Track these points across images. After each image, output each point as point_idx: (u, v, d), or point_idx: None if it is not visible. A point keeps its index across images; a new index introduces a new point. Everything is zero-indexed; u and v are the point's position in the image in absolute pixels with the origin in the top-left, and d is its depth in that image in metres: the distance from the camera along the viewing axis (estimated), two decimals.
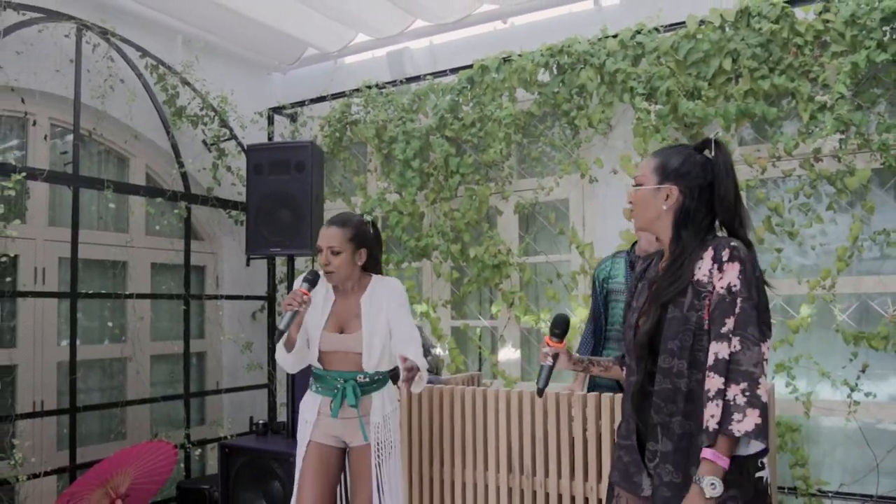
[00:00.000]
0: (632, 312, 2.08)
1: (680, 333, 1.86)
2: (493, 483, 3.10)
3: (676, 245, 1.96)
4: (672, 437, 1.84)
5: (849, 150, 3.64)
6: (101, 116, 4.50)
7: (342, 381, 2.83)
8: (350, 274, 2.87)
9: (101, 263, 4.67)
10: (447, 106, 4.67)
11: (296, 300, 2.67)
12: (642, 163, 2.08)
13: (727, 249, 1.86)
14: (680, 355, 1.85)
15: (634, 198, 2.06)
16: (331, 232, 2.86)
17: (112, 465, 3.83)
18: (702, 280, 1.87)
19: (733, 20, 3.87)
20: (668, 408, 1.86)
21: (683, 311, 1.87)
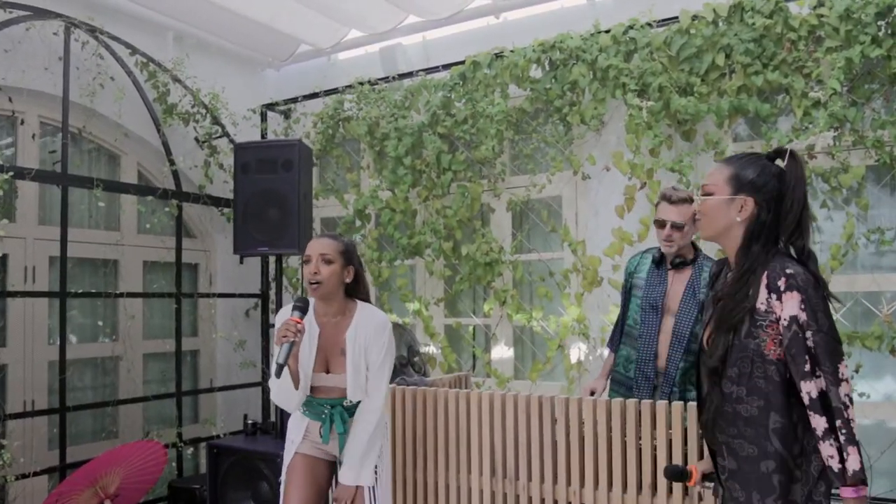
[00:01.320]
0: (701, 325, 2.12)
1: (738, 361, 1.89)
2: (477, 487, 3.07)
3: (745, 258, 1.93)
4: (736, 457, 1.91)
5: (843, 146, 3.58)
6: (90, 114, 4.48)
7: (329, 407, 2.77)
8: (336, 290, 2.75)
9: (92, 262, 4.66)
10: (439, 102, 4.62)
11: (290, 331, 2.54)
12: (712, 171, 2.02)
13: (783, 278, 1.84)
14: (738, 382, 1.89)
15: (703, 208, 1.99)
16: (323, 241, 2.77)
17: (101, 464, 3.83)
18: (759, 308, 1.87)
19: (726, 15, 3.81)
20: (730, 430, 1.91)
21: (741, 338, 1.89)
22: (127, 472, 3.93)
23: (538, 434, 2.97)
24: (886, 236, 3.57)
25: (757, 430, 1.86)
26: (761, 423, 1.86)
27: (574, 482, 2.90)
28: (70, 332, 4.48)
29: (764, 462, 1.86)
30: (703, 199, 2.00)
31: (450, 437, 3.16)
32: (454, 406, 3.15)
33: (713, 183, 1.97)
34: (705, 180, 2.01)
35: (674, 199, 3.14)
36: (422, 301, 4.86)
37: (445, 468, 3.18)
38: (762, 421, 1.86)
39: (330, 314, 2.78)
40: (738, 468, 1.90)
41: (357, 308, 2.80)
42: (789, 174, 1.92)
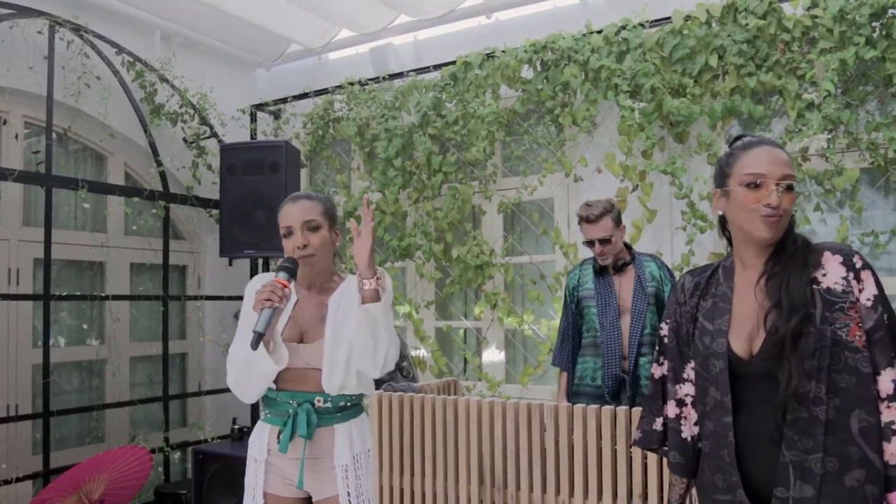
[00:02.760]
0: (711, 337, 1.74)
1: (817, 352, 1.57)
2: (465, 495, 3.01)
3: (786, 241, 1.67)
4: (812, 480, 1.55)
5: (837, 149, 3.54)
6: (75, 114, 4.42)
7: (295, 403, 2.21)
8: (330, 259, 2.29)
9: (77, 264, 4.60)
10: (430, 103, 4.57)
11: (276, 293, 2.05)
12: (786, 158, 1.68)
13: (857, 255, 1.64)
14: (818, 378, 1.57)
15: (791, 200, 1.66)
16: (302, 205, 2.25)
17: (85, 470, 3.77)
18: (833, 289, 1.62)
19: (719, 16, 3.77)
20: (805, 443, 1.56)
21: (817, 324, 1.59)
22: (111, 478, 3.87)
23: (527, 442, 2.91)
24: (881, 239, 3.53)
25: (837, 436, 1.56)
26: (842, 427, 1.56)
27: (563, 491, 2.84)
28: (56, 335, 4.43)
29: (849, 475, 1.55)
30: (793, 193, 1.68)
31: (437, 444, 3.11)
32: (441, 413, 3.10)
33: (794, 174, 1.68)
34: (788, 169, 1.66)
35: (592, 218, 3.22)
36: (412, 304, 4.81)
37: (433, 476, 3.12)
38: (842, 424, 1.56)
39: (315, 284, 2.32)
40: (816, 494, 1.55)
41: (345, 279, 2.35)
42: None
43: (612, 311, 3.30)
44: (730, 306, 1.73)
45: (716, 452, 1.70)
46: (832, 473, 1.55)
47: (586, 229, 3.26)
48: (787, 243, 1.68)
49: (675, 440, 1.85)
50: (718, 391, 1.69)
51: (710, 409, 1.72)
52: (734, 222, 1.73)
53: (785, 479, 1.58)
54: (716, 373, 1.69)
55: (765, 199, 1.63)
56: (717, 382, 1.69)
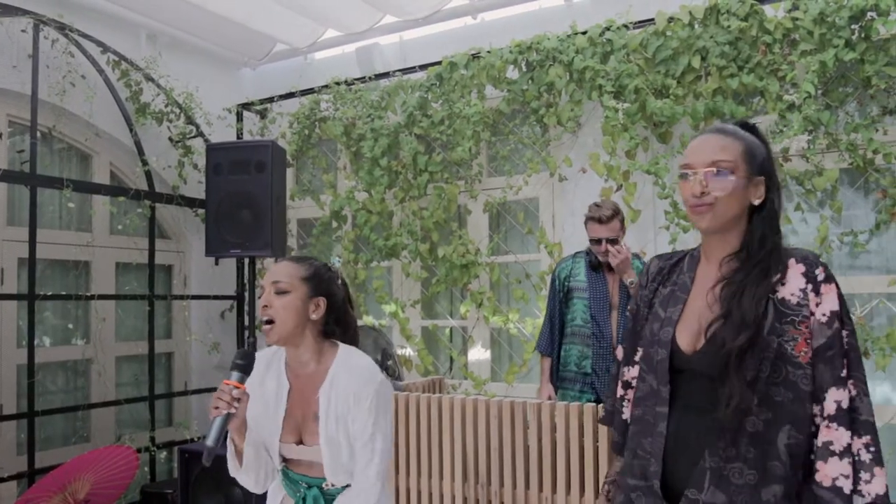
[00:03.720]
0: (661, 324, 1.68)
1: (760, 363, 1.52)
2: (449, 492, 3.04)
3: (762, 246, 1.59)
4: (726, 488, 1.51)
5: (817, 149, 3.59)
6: (60, 113, 4.40)
7: (305, 486, 2.09)
8: (297, 331, 2.01)
9: (63, 264, 4.59)
10: (416, 103, 4.59)
11: (223, 400, 1.85)
12: (720, 142, 1.60)
13: (821, 267, 1.56)
14: (754, 387, 1.51)
15: (720, 187, 1.57)
16: (280, 266, 2.07)
17: (70, 470, 3.76)
18: (789, 300, 1.55)
19: (702, 17, 3.81)
20: (727, 451, 1.52)
21: (764, 334, 1.53)
22: (97, 478, 3.86)
23: (510, 439, 2.95)
24: (860, 239, 3.58)
25: (762, 449, 1.52)
26: (768, 441, 1.52)
27: (546, 487, 2.88)
28: (41, 335, 4.42)
29: (767, 489, 1.51)
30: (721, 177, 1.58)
31: (422, 441, 3.14)
32: (426, 411, 3.13)
33: (732, 158, 1.58)
34: (717, 154, 1.58)
35: (604, 219, 3.39)
36: (398, 303, 4.83)
37: (417, 473, 3.15)
38: (770, 437, 1.52)
39: (301, 364, 2.07)
40: (726, 502, 1.51)
41: (337, 355, 2.06)
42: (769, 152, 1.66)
43: (606, 306, 3.47)
44: (686, 297, 1.67)
45: (638, 439, 1.67)
46: (749, 486, 1.52)
47: (595, 229, 3.42)
48: (753, 245, 1.61)
49: (618, 421, 1.86)
50: (656, 380, 1.65)
51: (644, 395, 1.69)
52: None
53: (700, 482, 1.54)
54: (657, 361, 1.65)
55: (689, 189, 1.59)
56: (657, 371, 1.65)
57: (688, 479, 1.55)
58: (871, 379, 3.63)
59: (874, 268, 3.71)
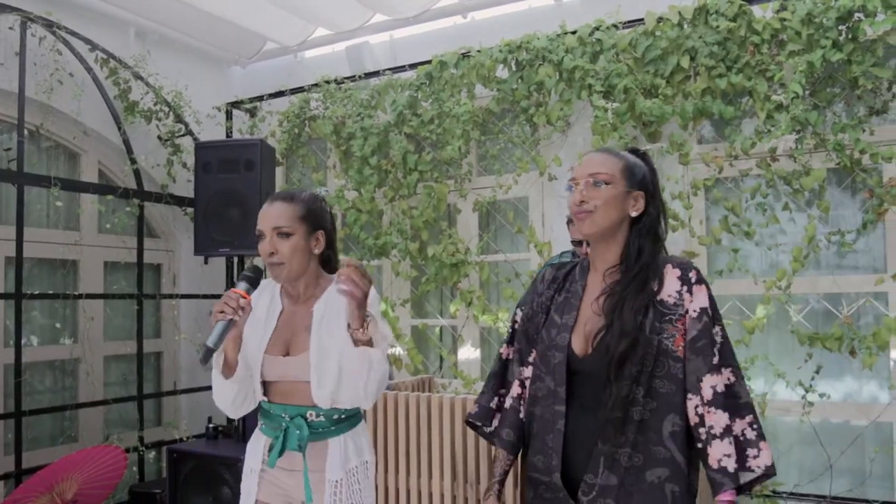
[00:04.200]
0: (555, 329, 1.84)
1: (642, 358, 1.70)
2: (437, 491, 3.04)
3: (638, 259, 1.79)
4: (618, 471, 1.70)
5: (805, 149, 3.61)
6: (47, 111, 4.38)
7: (287, 417, 2.09)
8: (304, 267, 2.10)
9: (50, 262, 4.56)
10: (405, 102, 4.59)
11: (229, 305, 1.92)
12: (602, 158, 1.83)
13: (693, 271, 1.79)
14: (638, 381, 1.70)
15: (598, 196, 1.77)
16: (275, 209, 2.09)
17: (57, 470, 3.75)
18: (666, 301, 1.75)
19: (691, 17, 3.82)
20: (617, 439, 1.70)
21: (646, 332, 1.72)
22: (85, 478, 3.85)
23: None
24: (847, 238, 3.61)
25: (647, 436, 1.70)
26: (653, 428, 1.71)
27: None
28: (28, 334, 4.39)
29: (651, 471, 1.70)
30: (599, 186, 1.78)
31: (410, 440, 3.14)
32: (415, 409, 3.13)
33: (609, 172, 1.79)
34: (596, 168, 1.79)
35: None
36: (388, 302, 4.83)
37: (406, 472, 3.15)
38: (654, 425, 1.71)
39: (299, 290, 2.16)
40: (618, 483, 1.69)
41: (332, 280, 2.10)
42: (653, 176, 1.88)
43: None
44: (578, 304, 1.84)
45: (541, 437, 1.82)
46: (636, 468, 1.70)
47: (575, 231, 3.27)
48: (631, 258, 1.79)
49: (513, 418, 1.95)
50: (554, 381, 1.80)
51: (543, 396, 1.83)
52: None
53: (595, 467, 1.72)
54: (554, 364, 1.80)
55: (572, 198, 1.80)
56: (554, 373, 1.80)
57: (585, 465, 1.73)
58: (858, 378, 3.68)
59: (861, 267, 3.74)
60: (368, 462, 2.17)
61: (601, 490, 1.70)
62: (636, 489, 1.69)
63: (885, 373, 3.61)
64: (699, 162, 3.90)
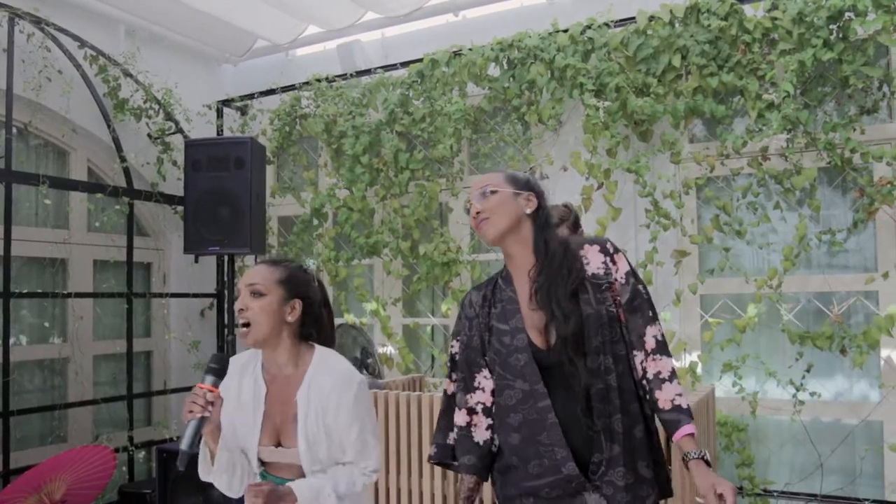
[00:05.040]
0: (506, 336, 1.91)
1: (600, 329, 1.84)
2: (428, 490, 3.03)
3: (547, 249, 1.93)
4: (617, 439, 1.81)
5: (796, 148, 3.61)
6: (36, 108, 4.35)
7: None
8: (273, 333, 2.03)
9: (39, 261, 4.53)
10: (397, 100, 4.57)
11: (198, 402, 1.85)
12: (483, 177, 2.01)
13: (609, 243, 1.95)
14: (604, 351, 1.83)
15: (489, 204, 1.92)
16: (256, 269, 2.09)
17: (46, 470, 3.72)
18: (598, 273, 1.90)
19: (682, 16, 3.82)
20: (607, 408, 1.81)
21: (594, 305, 1.85)
22: (73, 478, 3.82)
23: None
24: (837, 237, 3.61)
25: (623, 396, 1.84)
26: (626, 388, 1.86)
27: None
28: (17, 333, 4.36)
29: (637, 428, 1.86)
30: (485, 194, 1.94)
31: (401, 439, 3.13)
32: (405, 409, 3.12)
33: (492, 183, 1.96)
34: (482, 183, 1.97)
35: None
36: (379, 301, 4.81)
37: (396, 471, 3.14)
38: (627, 385, 1.86)
39: (279, 366, 2.08)
40: (621, 450, 1.81)
41: (314, 357, 2.08)
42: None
43: None
44: (518, 306, 1.93)
45: (532, 439, 1.85)
46: (628, 430, 1.83)
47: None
48: (540, 251, 1.92)
49: (468, 444, 2.00)
50: (527, 382, 1.86)
51: (519, 401, 1.88)
52: None
53: (599, 445, 1.82)
54: (521, 366, 1.87)
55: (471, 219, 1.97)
56: (525, 374, 1.87)
57: (590, 449, 1.82)
58: (848, 377, 3.68)
59: (851, 266, 3.75)
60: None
61: (609, 462, 1.80)
62: (633, 448, 1.83)
63: (876, 371, 3.62)
64: (690, 161, 3.90)
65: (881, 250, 3.62)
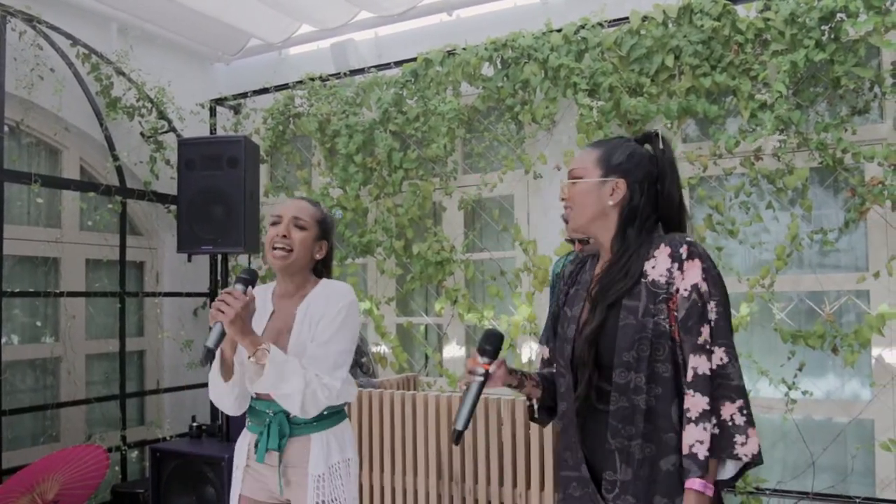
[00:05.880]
0: (566, 323, 1.81)
1: (636, 343, 1.64)
2: (423, 489, 3.04)
3: (621, 244, 1.76)
4: (632, 464, 1.64)
5: (788, 148, 3.63)
6: (28, 107, 4.32)
7: (271, 413, 2.16)
8: (305, 264, 2.22)
9: (31, 260, 4.51)
10: (391, 99, 4.57)
11: (227, 302, 1.97)
12: (579, 154, 1.84)
13: (685, 245, 1.68)
14: (637, 368, 1.63)
15: (572, 193, 1.79)
16: (300, 203, 2.27)
17: (38, 470, 3.70)
18: (658, 281, 1.67)
19: (676, 17, 3.84)
20: (627, 430, 1.64)
21: (638, 316, 1.65)
22: (66, 478, 3.80)
23: (484, 436, 2.95)
24: (829, 237, 3.63)
25: (656, 423, 1.63)
26: (662, 415, 1.63)
27: (520, 484, 2.88)
28: (9, 333, 4.34)
29: (665, 459, 1.62)
30: (571, 183, 1.80)
31: (395, 438, 3.13)
32: (400, 407, 3.12)
33: (581, 166, 1.80)
34: (573, 165, 1.82)
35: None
36: (373, 300, 4.81)
37: (391, 470, 3.14)
38: (664, 411, 1.63)
39: (289, 293, 2.25)
40: (633, 477, 1.64)
41: (319, 283, 2.26)
42: (661, 158, 1.80)
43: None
44: (586, 294, 1.79)
45: (566, 430, 1.78)
46: (649, 458, 1.63)
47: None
48: (616, 245, 1.76)
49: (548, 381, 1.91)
50: (569, 374, 1.76)
51: (564, 391, 1.79)
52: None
53: (612, 463, 1.66)
54: (566, 356, 1.77)
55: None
56: (567, 366, 1.76)
57: (605, 461, 1.68)
58: (840, 375, 3.70)
59: (843, 266, 3.77)
60: (351, 460, 2.22)
61: (622, 486, 1.64)
62: (651, 480, 1.63)
63: (867, 370, 3.64)
64: (683, 160, 3.91)
65: (872, 250, 3.64)
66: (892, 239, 3.56)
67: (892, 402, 3.53)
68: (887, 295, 3.53)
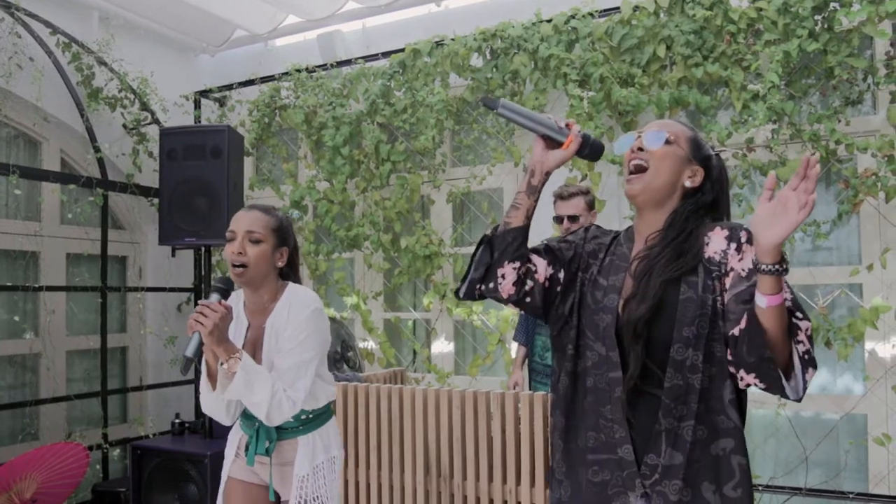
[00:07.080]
0: (604, 292, 1.71)
1: (697, 319, 1.57)
2: (410, 485, 2.97)
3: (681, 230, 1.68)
4: (682, 447, 1.55)
5: (781, 140, 3.59)
6: (6, 96, 4.23)
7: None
8: (266, 275, 2.24)
9: (9, 254, 4.41)
10: (378, 91, 4.50)
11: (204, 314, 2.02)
12: (670, 121, 1.76)
13: (744, 231, 1.61)
14: (696, 346, 1.56)
15: (659, 152, 1.68)
16: (252, 215, 2.24)
17: (15, 469, 3.61)
18: (713, 258, 1.62)
19: (667, 6, 3.79)
20: (679, 410, 1.56)
21: (698, 292, 1.59)
22: (44, 477, 3.72)
23: (473, 430, 2.89)
24: (822, 230, 3.59)
25: (709, 404, 1.57)
26: (716, 396, 1.57)
27: (510, 480, 2.82)
28: None
29: (716, 443, 1.56)
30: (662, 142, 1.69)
31: (382, 433, 3.06)
32: (387, 402, 3.05)
33: (675, 133, 1.71)
34: (665, 126, 1.72)
35: (566, 194, 3.27)
36: (360, 295, 4.74)
37: (378, 466, 3.08)
38: (717, 392, 1.57)
39: (261, 303, 2.29)
40: (685, 461, 1.55)
41: (286, 291, 2.29)
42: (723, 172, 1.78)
43: None
44: (626, 265, 1.72)
45: (596, 409, 1.66)
46: (701, 441, 1.56)
47: (559, 206, 3.29)
48: (676, 224, 1.68)
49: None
50: (605, 346, 1.65)
51: (594, 364, 1.68)
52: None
53: (657, 446, 1.57)
54: (603, 327, 1.67)
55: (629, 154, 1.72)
56: (604, 337, 1.66)
57: (647, 443, 1.58)
58: (832, 370, 3.66)
59: (836, 259, 3.73)
60: (336, 457, 2.32)
61: (665, 471, 1.55)
62: (702, 465, 1.56)
63: (860, 364, 3.60)
64: None
65: (865, 242, 3.60)
66: (886, 231, 3.52)
67: (886, 397, 3.49)
68: (881, 288, 3.50)
